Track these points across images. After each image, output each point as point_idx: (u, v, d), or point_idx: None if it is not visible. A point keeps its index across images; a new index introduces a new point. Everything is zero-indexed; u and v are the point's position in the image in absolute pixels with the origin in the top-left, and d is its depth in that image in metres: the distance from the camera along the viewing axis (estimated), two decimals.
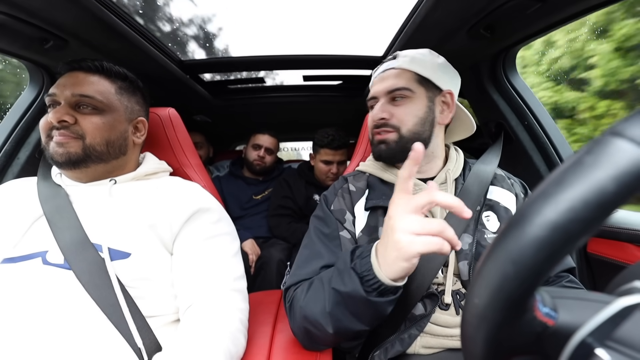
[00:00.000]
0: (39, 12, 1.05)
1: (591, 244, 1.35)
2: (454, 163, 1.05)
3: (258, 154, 2.48)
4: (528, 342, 0.32)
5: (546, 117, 1.54)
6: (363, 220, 1.00)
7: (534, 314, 0.31)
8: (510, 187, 1.04)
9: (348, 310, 0.76)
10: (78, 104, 0.95)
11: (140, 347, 0.80)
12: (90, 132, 0.95)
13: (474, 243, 0.93)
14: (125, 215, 0.93)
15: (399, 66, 1.02)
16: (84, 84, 0.96)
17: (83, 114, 0.95)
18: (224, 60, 1.98)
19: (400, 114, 1.00)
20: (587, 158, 0.27)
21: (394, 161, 1.04)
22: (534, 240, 0.27)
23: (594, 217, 0.26)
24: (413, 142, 0.98)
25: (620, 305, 0.29)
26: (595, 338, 0.29)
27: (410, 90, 1.00)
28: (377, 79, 1.07)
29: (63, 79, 0.97)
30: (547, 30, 1.26)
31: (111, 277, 0.83)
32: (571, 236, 0.26)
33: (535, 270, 0.28)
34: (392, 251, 0.65)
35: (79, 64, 0.98)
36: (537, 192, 0.30)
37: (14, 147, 1.39)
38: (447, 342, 0.90)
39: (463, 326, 0.34)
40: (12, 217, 0.92)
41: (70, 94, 0.94)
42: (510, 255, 0.29)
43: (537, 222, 0.28)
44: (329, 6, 34.28)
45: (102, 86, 0.99)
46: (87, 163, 0.96)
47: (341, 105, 2.69)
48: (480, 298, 0.31)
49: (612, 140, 0.26)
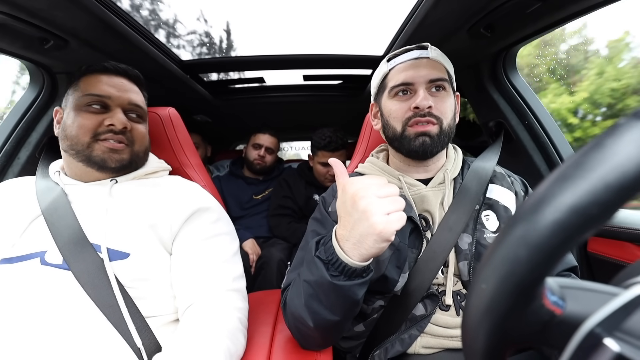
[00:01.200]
0: (39, 12, 1.05)
1: (591, 243, 1.34)
2: (452, 162, 1.04)
3: (258, 154, 2.48)
4: (533, 331, 0.31)
5: (546, 116, 1.53)
6: None
7: (542, 301, 0.31)
8: (510, 186, 1.03)
9: (320, 300, 0.76)
10: (127, 111, 1.01)
11: (139, 347, 0.80)
12: (139, 140, 1.02)
13: (473, 243, 0.92)
14: (125, 215, 0.93)
15: (434, 57, 0.98)
16: (132, 92, 1.03)
17: (133, 121, 1.01)
18: (224, 60, 1.98)
19: (442, 105, 0.96)
20: (608, 140, 0.26)
21: (429, 157, 0.99)
22: (551, 223, 0.27)
23: (615, 200, 0.25)
24: (448, 138, 0.98)
25: (630, 295, 0.28)
26: (604, 328, 0.28)
27: (448, 83, 0.98)
28: (405, 65, 0.99)
29: (109, 80, 1.00)
30: (547, 29, 1.26)
31: (110, 277, 0.83)
32: (590, 219, 0.26)
33: (549, 254, 0.27)
34: (369, 235, 0.66)
35: (125, 71, 1.04)
36: (554, 175, 0.29)
37: (15, 147, 1.39)
38: (447, 343, 0.90)
39: (467, 314, 0.34)
40: (10, 216, 0.91)
41: (127, 102, 1.00)
42: (524, 239, 0.28)
43: (555, 204, 0.27)
44: (329, 5, 33.97)
45: (141, 96, 1.07)
46: (129, 169, 1.02)
47: (341, 104, 2.69)
48: (488, 283, 0.30)
49: (633, 123, 0.26)
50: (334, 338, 0.89)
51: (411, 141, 0.95)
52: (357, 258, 0.69)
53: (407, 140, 0.96)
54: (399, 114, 0.98)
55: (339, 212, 0.72)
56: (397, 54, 1.03)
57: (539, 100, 1.57)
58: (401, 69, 1.00)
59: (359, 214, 0.65)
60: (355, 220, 0.67)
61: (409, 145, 0.96)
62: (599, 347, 0.28)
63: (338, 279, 0.71)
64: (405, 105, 0.97)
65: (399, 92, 0.99)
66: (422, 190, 0.99)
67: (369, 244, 0.66)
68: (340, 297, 0.74)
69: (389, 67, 1.03)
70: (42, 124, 1.43)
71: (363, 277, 0.73)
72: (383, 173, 1.05)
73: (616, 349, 0.27)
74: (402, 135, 0.97)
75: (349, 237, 0.69)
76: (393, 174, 1.03)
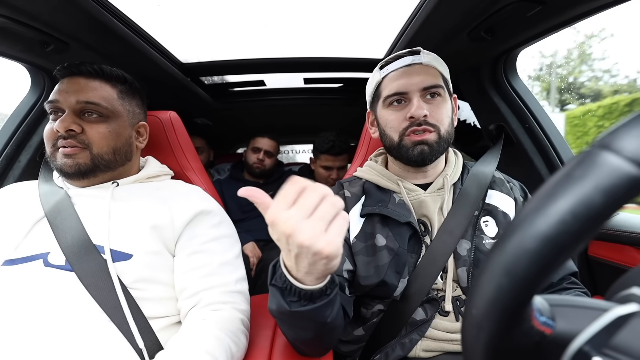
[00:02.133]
0: (40, 15, 1.05)
1: (592, 247, 1.34)
2: (452, 167, 1.03)
3: (258, 157, 2.48)
4: (527, 350, 0.32)
5: (547, 120, 1.54)
6: (357, 226, 0.98)
7: (531, 323, 0.32)
8: (509, 192, 1.02)
9: (290, 325, 0.75)
10: (83, 112, 0.94)
11: (141, 348, 0.80)
12: (97, 142, 0.95)
13: (472, 249, 0.92)
14: (127, 216, 0.93)
15: (427, 62, 0.97)
16: (87, 90, 0.95)
17: (89, 122, 0.95)
18: (224, 63, 1.98)
19: (438, 113, 0.94)
20: (576, 171, 0.27)
21: (428, 164, 0.98)
22: (526, 252, 0.28)
23: (584, 229, 0.26)
24: (448, 144, 0.97)
25: (617, 313, 0.29)
26: (593, 346, 0.29)
27: (443, 89, 0.97)
28: (398, 72, 0.98)
29: (63, 84, 0.95)
30: (547, 32, 1.26)
31: (113, 278, 0.83)
32: (562, 248, 0.27)
33: (529, 282, 0.28)
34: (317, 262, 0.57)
35: (78, 69, 0.97)
36: (529, 205, 0.30)
37: (15, 150, 1.39)
38: (447, 346, 0.90)
39: (463, 335, 0.34)
40: (14, 219, 0.91)
41: (74, 101, 0.93)
42: (505, 267, 0.29)
43: (528, 234, 0.28)
44: (330, 8, 34.79)
45: (105, 92, 0.98)
46: (95, 172, 0.96)
47: (342, 108, 2.69)
48: (477, 309, 0.31)
49: (598, 153, 0.27)
50: (326, 346, 0.88)
51: (409, 150, 0.95)
52: (312, 282, 0.63)
53: (405, 150, 0.96)
54: (395, 124, 0.97)
55: (279, 245, 0.61)
56: (389, 61, 1.02)
57: (539, 104, 1.57)
58: (394, 77, 0.98)
59: (298, 249, 0.56)
60: (297, 255, 0.58)
61: (407, 154, 0.95)
62: None
63: (298, 305, 0.66)
64: (401, 115, 0.96)
65: (394, 101, 0.98)
66: (421, 195, 0.98)
67: (320, 268, 0.59)
68: (307, 321, 0.70)
69: (382, 75, 1.02)
70: (43, 127, 1.43)
71: (327, 296, 0.66)
72: (381, 177, 1.04)
73: None
74: (400, 144, 0.96)
75: (298, 268, 0.61)
76: (392, 179, 1.03)
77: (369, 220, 0.98)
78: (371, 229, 0.96)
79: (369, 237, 0.96)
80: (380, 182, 1.03)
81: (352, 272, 0.95)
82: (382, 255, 0.92)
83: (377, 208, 0.96)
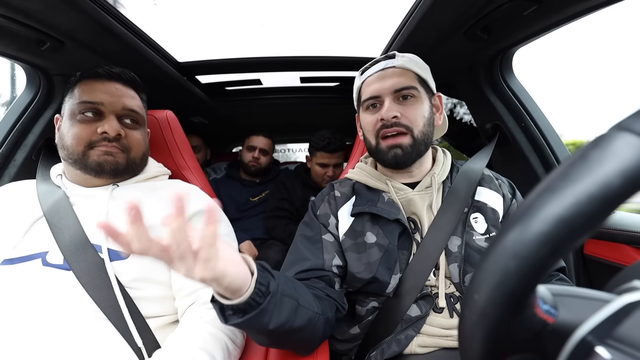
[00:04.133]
0: (35, 13, 1.05)
1: (588, 246, 1.35)
2: (440, 166, 1.05)
3: (253, 155, 2.49)
4: (527, 339, 0.32)
5: (543, 119, 1.54)
6: (346, 224, 1.01)
7: (534, 310, 0.31)
8: (497, 188, 1.04)
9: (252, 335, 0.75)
10: (122, 117, 0.99)
11: (140, 347, 0.81)
12: (135, 147, 1.00)
13: (462, 245, 0.93)
14: (125, 216, 0.93)
15: (400, 65, 1.00)
16: (127, 97, 1.01)
17: (127, 127, 1.00)
18: (221, 62, 1.98)
19: (411, 114, 0.97)
20: (593, 152, 0.27)
21: (405, 166, 1.00)
22: (538, 234, 0.27)
23: (599, 211, 0.26)
24: (425, 145, 0.99)
25: (620, 303, 0.29)
26: (596, 336, 0.29)
27: (417, 90, 0.99)
28: (373, 77, 1.02)
29: (102, 86, 0.98)
30: (543, 31, 1.26)
31: (111, 277, 0.83)
32: (576, 231, 0.26)
33: (537, 265, 0.28)
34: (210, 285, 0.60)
35: (119, 76, 1.01)
36: (541, 187, 0.29)
37: (11, 149, 1.38)
38: (443, 342, 0.90)
39: (461, 323, 0.34)
40: (12, 218, 0.91)
41: (120, 107, 0.98)
42: (513, 250, 0.28)
43: (541, 216, 0.27)
44: (326, 7, 34.67)
45: (139, 100, 1.05)
46: (123, 174, 1.00)
47: (338, 106, 2.69)
48: (480, 294, 0.31)
49: (618, 135, 0.26)
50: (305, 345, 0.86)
51: (384, 154, 0.99)
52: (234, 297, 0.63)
53: (381, 154, 1.00)
54: (370, 127, 1.02)
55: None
56: (368, 67, 1.06)
57: (535, 103, 1.57)
58: (370, 82, 1.03)
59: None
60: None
61: (383, 158, 1.00)
62: (590, 355, 0.28)
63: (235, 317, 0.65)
64: (374, 118, 1.00)
65: (369, 105, 1.03)
66: (409, 194, 1.00)
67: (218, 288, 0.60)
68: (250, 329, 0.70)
69: (361, 80, 1.07)
70: (39, 126, 1.42)
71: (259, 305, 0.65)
72: (371, 177, 1.06)
73: (607, 357, 0.27)
74: (377, 148, 1.01)
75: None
76: (380, 179, 1.05)
77: (359, 219, 1.00)
78: (361, 227, 0.98)
79: (358, 235, 0.98)
80: (370, 182, 1.06)
81: (342, 267, 0.97)
82: (372, 252, 0.94)
83: (367, 207, 0.99)
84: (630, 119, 0.27)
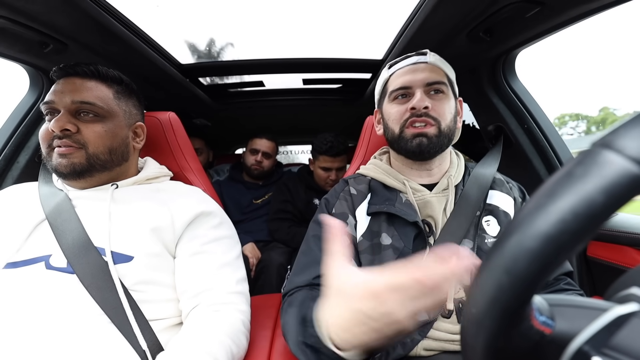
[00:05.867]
0: (38, 16, 1.05)
1: (591, 248, 1.34)
2: (455, 168, 1.05)
3: (255, 159, 2.47)
4: (527, 350, 0.32)
5: (546, 120, 1.54)
6: (364, 225, 0.98)
7: (530, 322, 0.32)
8: (509, 191, 1.03)
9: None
10: (78, 111, 0.94)
11: (144, 350, 0.80)
12: (93, 141, 0.94)
13: (474, 248, 0.92)
14: (128, 218, 0.93)
15: (432, 62, 1.00)
16: (82, 90, 0.95)
17: (84, 121, 0.94)
18: (223, 63, 1.98)
19: (440, 107, 0.97)
20: (577, 169, 0.27)
21: (427, 157, 1.00)
22: (526, 251, 0.28)
23: (584, 228, 0.26)
24: (448, 140, 0.99)
25: (615, 313, 0.29)
26: (592, 346, 0.29)
27: (447, 87, 0.99)
28: (404, 70, 1.02)
29: (59, 85, 0.95)
30: (546, 33, 1.26)
31: (114, 280, 0.83)
32: (562, 248, 0.27)
33: (529, 281, 0.28)
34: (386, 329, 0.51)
35: (74, 69, 0.96)
36: (530, 203, 0.30)
37: (14, 151, 1.39)
38: (448, 346, 0.90)
39: (462, 334, 0.34)
40: (14, 221, 0.91)
41: (70, 101, 0.93)
42: (505, 266, 0.29)
43: (529, 233, 0.28)
44: (329, 9, 34.57)
45: (101, 92, 0.98)
46: (91, 173, 0.96)
47: (341, 108, 2.69)
48: (477, 308, 0.31)
49: (600, 152, 0.27)
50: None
51: (408, 142, 0.97)
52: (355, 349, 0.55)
53: (404, 141, 0.98)
54: (397, 116, 1.00)
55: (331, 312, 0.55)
56: (397, 61, 1.06)
57: (538, 105, 1.57)
58: (400, 74, 1.02)
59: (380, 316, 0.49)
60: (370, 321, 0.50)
61: (406, 146, 0.98)
62: None
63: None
64: (403, 108, 0.99)
65: (398, 95, 1.01)
66: (427, 196, 0.99)
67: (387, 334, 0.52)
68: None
69: (389, 73, 1.06)
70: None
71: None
72: (388, 176, 1.05)
73: None
74: (400, 136, 0.99)
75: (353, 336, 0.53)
76: (398, 178, 1.03)
77: (376, 219, 0.98)
78: (377, 227, 0.97)
79: (374, 236, 0.96)
80: (387, 180, 1.04)
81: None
82: (387, 254, 0.92)
83: (385, 207, 0.97)
84: (612, 135, 0.27)
